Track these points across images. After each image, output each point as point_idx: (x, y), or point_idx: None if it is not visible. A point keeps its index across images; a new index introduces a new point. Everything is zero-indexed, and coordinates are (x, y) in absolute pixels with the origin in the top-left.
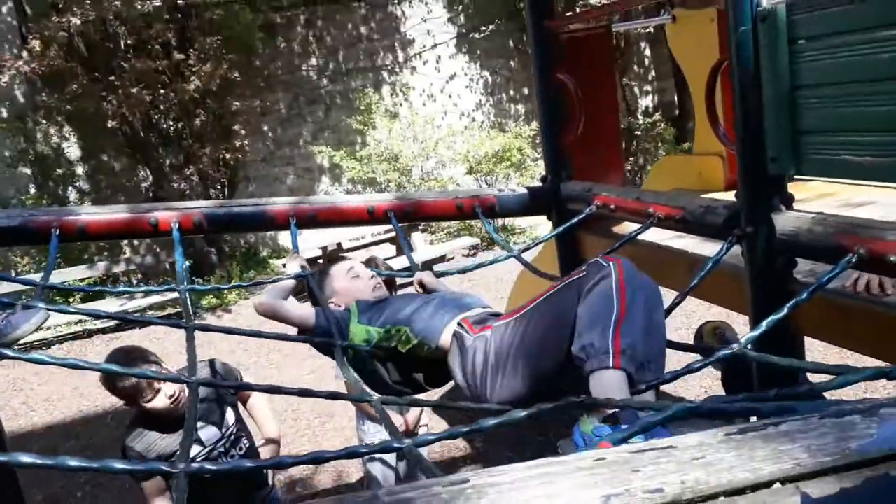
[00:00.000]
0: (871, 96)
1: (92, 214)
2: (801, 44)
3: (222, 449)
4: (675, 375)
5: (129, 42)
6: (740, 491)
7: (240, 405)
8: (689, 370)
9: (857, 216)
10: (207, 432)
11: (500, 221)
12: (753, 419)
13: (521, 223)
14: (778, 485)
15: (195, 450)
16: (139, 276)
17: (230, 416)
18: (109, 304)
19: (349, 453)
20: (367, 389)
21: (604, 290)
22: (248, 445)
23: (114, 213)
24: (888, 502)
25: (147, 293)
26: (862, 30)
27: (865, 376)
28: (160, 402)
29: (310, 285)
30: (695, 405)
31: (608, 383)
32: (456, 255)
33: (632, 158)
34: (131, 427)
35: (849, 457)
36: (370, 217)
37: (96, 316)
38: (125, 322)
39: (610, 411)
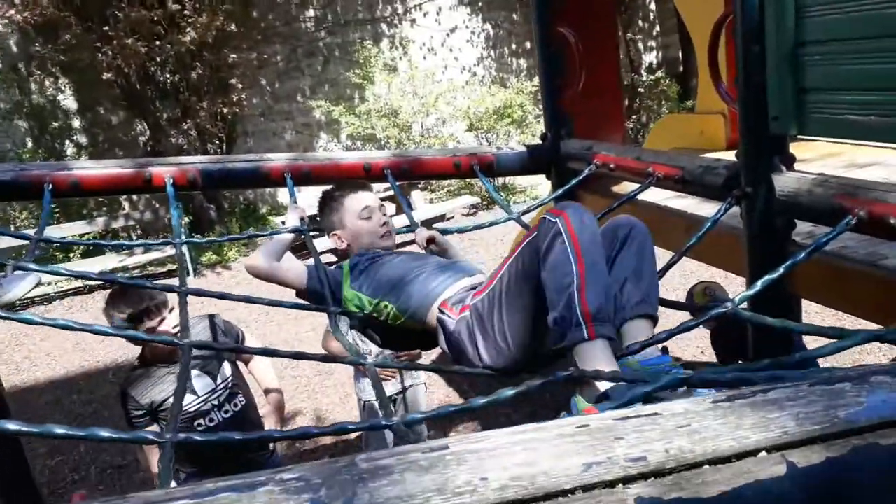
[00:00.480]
0: (877, 53)
1: (85, 169)
2: None
3: (216, 402)
4: (670, 334)
5: None
6: (725, 459)
7: (241, 364)
8: (682, 329)
9: (860, 178)
10: (202, 382)
11: (499, 180)
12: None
13: (522, 182)
14: (764, 453)
15: (188, 399)
16: (139, 231)
17: (227, 369)
18: (109, 260)
19: (336, 430)
20: (362, 350)
21: (558, 253)
22: (244, 403)
23: (107, 169)
24: (875, 471)
25: (145, 248)
26: None
27: (859, 340)
28: (165, 327)
29: (309, 244)
30: (685, 376)
31: (590, 357)
32: (456, 214)
33: (634, 116)
34: (132, 371)
35: (837, 425)
36: (367, 174)
37: (85, 278)
38: (115, 284)
39: (601, 388)
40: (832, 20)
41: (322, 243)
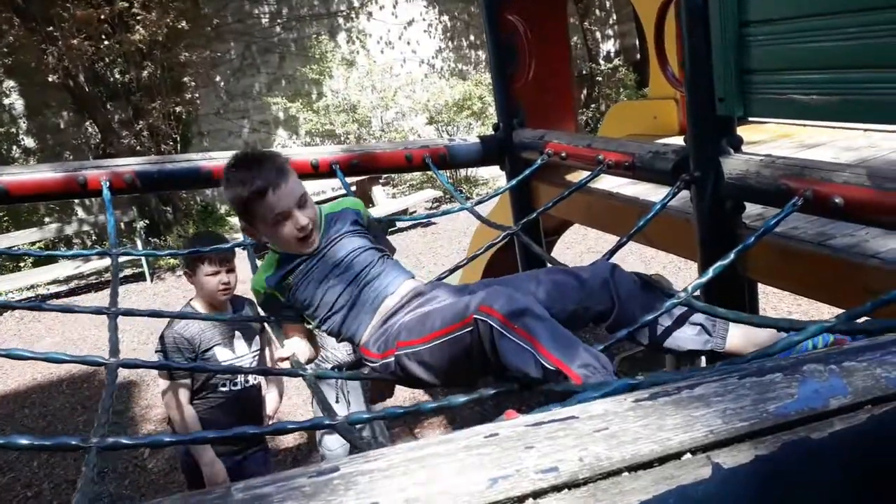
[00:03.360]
0: (818, 31)
1: (14, 175)
2: None
3: (246, 367)
4: (628, 332)
5: None
6: (646, 465)
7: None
8: (641, 325)
9: (809, 158)
10: (240, 343)
11: (462, 172)
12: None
13: (484, 173)
14: (688, 455)
15: (226, 354)
16: (93, 237)
17: (257, 343)
18: (63, 268)
19: (274, 430)
20: (329, 356)
21: (512, 350)
22: (259, 381)
23: (38, 173)
24: (805, 467)
25: (86, 258)
26: None
27: (809, 334)
28: (221, 277)
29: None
30: (635, 381)
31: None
32: (418, 208)
33: (593, 105)
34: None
35: (766, 420)
36: (314, 170)
37: (8, 307)
38: (36, 311)
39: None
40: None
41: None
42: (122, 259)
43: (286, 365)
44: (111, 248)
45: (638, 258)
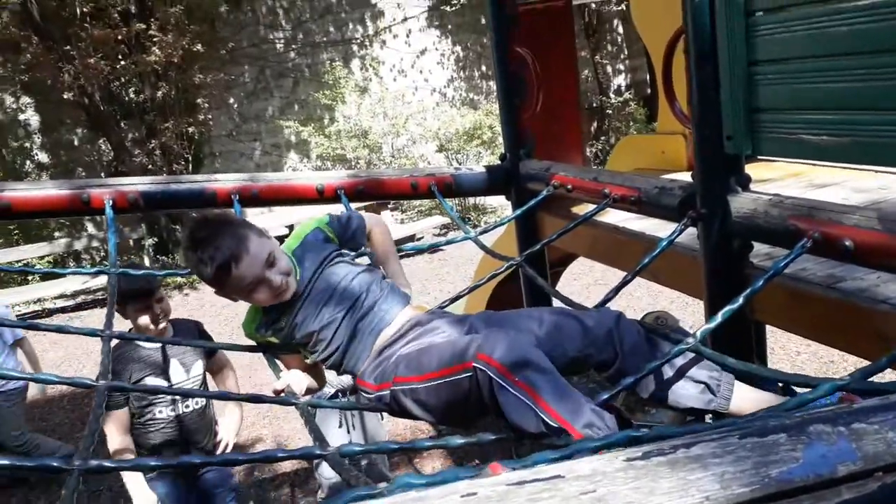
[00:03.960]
0: (828, 72)
1: (16, 191)
2: (759, 16)
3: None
4: (636, 379)
5: (85, 10)
6: None
7: (210, 378)
8: (649, 371)
9: (819, 198)
10: (176, 370)
11: (470, 200)
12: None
13: (493, 202)
14: None
15: (159, 382)
16: (102, 252)
17: (199, 366)
18: (71, 283)
19: (264, 458)
20: (334, 382)
21: (506, 399)
22: (205, 405)
23: (42, 190)
24: None
25: (78, 275)
26: (820, 1)
27: (820, 393)
28: (148, 315)
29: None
30: (637, 434)
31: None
32: (426, 234)
33: (602, 138)
34: (117, 347)
35: (768, 486)
36: (319, 196)
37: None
38: (31, 329)
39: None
40: (782, 39)
41: None
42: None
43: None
44: (110, 267)
45: (646, 291)
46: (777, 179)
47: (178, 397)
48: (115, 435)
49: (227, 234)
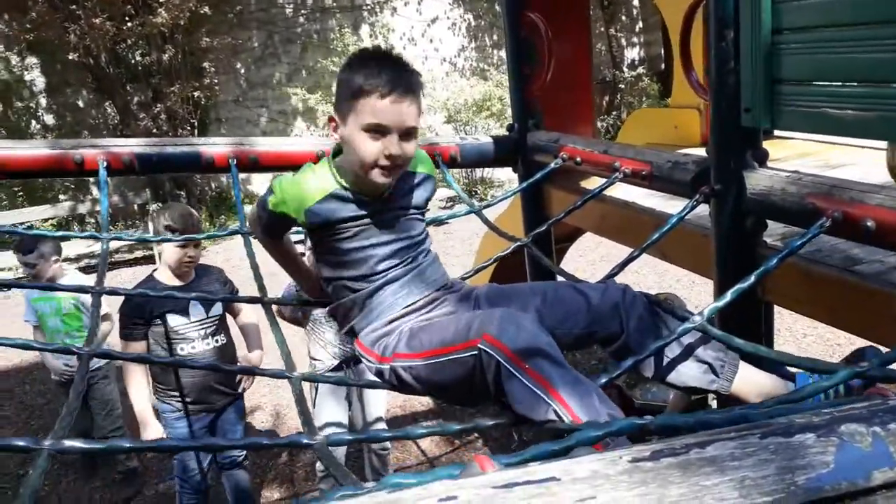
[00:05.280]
0: (855, 42)
1: (8, 150)
2: None
3: (202, 331)
4: (636, 360)
5: None
6: None
7: (230, 316)
8: (651, 352)
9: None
10: (195, 309)
11: (477, 173)
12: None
13: (501, 175)
14: None
15: (180, 320)
16: (108, 217)
17: (219, 307)
18: (76, 246)
19: (247, 444)
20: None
21: (517, 389)
22: (225, 342)
23: (33, 149)
24: None
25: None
26: None
27: (837, 380)
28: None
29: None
30: (643, 422)
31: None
32: (432, 207)
33: (615, 112)
34: (143, 281)
35: (794, 495)
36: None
37: None
38: (19, 288)
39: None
40: (811, 5)
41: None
42: (131, 242)
43: None
44: (102, 231)
45: (652, 269)
46: (791, 158)
47: (200, 333)
48: (131, 366)
49: (412, 76)
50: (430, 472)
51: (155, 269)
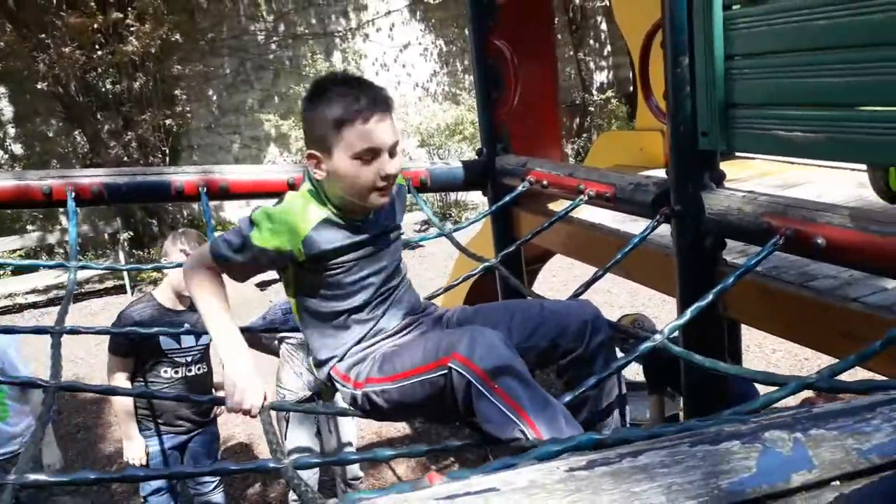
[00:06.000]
0: (804, 67)
1: None
2: (736, 9)
3: (188, 358)
4: (599, 379)
5: None
6: None
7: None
8: (613, 371)
9: (793, 196)
10: (186, 336)
11: (451, 196)
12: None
13: (474, 198)
14: None
15: (172, 344)
16: (77, 247)
17: (206, 337)
18: (44, 278)
19: (215, 469)
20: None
21: (488, 409)
22: (205, 370)
23: (0, 181)
24: None
25: (44, 268)
26: None
27: (788, 391)
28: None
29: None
30: (600, 437)
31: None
32: (407, 230)
33: (584, 134)
34: (141, 300)
35: (717, 499)
36: (291, 190)
37: None
38: None
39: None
40: (759, 33)
41: None
42: (101, 272)
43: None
44: (70, 260)
45: (623, 289)
46: (749, 178)
47: (186, 360)
48: (118, 380)
49: (381, 93)
50: (387, 488)
51: (154, 289)
